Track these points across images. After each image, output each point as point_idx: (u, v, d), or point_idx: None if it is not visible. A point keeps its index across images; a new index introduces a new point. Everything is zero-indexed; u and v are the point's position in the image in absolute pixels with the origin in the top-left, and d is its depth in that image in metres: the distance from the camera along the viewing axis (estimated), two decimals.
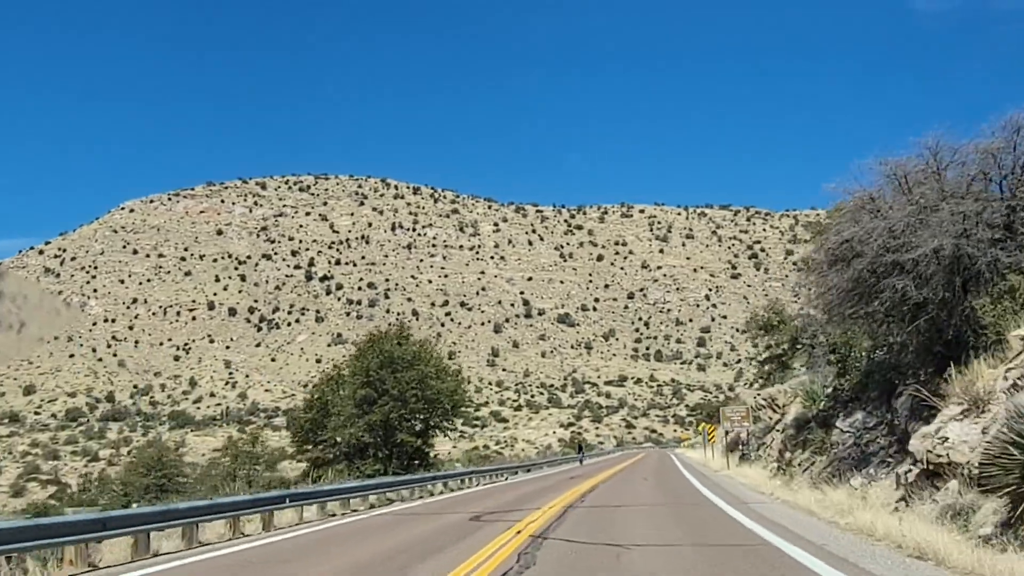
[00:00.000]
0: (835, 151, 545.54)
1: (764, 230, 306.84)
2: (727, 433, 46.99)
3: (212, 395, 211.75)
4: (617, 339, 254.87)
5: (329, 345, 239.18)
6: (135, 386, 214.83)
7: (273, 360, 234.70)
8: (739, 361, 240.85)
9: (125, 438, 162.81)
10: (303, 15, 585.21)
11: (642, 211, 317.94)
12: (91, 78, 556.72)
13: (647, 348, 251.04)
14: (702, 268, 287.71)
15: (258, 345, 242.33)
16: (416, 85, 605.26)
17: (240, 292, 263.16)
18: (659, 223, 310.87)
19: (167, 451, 73.33)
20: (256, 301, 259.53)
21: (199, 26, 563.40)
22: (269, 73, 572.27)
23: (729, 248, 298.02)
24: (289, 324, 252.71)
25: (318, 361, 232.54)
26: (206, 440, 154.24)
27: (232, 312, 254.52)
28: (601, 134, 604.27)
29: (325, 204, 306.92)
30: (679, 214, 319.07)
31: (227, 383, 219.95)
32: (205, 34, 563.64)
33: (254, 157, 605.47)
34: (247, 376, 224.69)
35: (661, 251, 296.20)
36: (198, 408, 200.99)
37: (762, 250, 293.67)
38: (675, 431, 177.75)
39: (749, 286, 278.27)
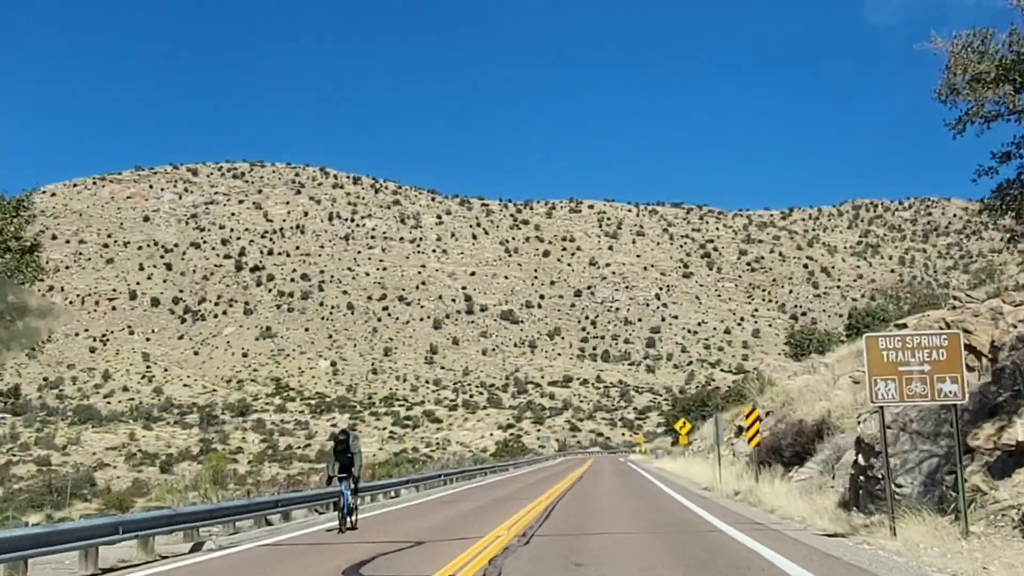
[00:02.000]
0: (790, 153, 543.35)
1: (717, 229, 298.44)
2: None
3: (126, 389, 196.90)
4: (563, 338, 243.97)
5: (257, 339, 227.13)
6: (45, 379, 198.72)
7: (196, 354, 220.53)
8: (690, 363, 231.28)
9: (15, 434, 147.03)
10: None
11: (591, 207, 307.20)
12: (15, 58, 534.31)
13: (594, 348, 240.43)
14: (652, 266, 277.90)
15: (181, 337, 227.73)
16: (359, 73, 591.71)
17: (165, 282, 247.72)
18: (608, 219, 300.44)
19: None
20: (182, 291, 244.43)
21: (133, 9, 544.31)
22: (204, 57, 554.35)
23: (681, 247, 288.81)
24: (216, 316, 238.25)
25: (244, 355, 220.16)
26: (105, 437, 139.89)
27: (155, 302, 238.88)
28: (551, 128, 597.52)
29: (260, 192, 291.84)
30: (630, 211, 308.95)
31: (144, 377, 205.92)
32: (139, 17, 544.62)
33: (186, 142, 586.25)
34: (166, 370, 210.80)
35: (610, 248, 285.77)
36: (108, 403, 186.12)
37: (715, 249, 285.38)
38: (623, 435, 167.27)
39: (701, 286, 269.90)
